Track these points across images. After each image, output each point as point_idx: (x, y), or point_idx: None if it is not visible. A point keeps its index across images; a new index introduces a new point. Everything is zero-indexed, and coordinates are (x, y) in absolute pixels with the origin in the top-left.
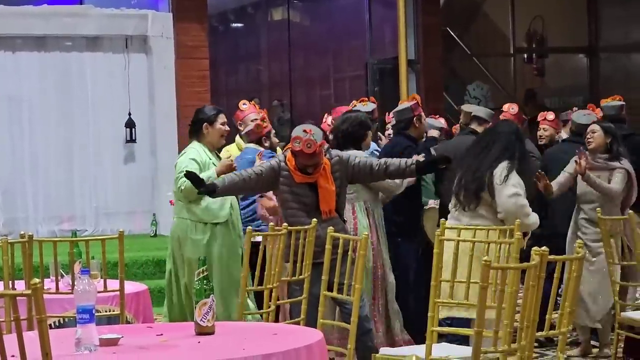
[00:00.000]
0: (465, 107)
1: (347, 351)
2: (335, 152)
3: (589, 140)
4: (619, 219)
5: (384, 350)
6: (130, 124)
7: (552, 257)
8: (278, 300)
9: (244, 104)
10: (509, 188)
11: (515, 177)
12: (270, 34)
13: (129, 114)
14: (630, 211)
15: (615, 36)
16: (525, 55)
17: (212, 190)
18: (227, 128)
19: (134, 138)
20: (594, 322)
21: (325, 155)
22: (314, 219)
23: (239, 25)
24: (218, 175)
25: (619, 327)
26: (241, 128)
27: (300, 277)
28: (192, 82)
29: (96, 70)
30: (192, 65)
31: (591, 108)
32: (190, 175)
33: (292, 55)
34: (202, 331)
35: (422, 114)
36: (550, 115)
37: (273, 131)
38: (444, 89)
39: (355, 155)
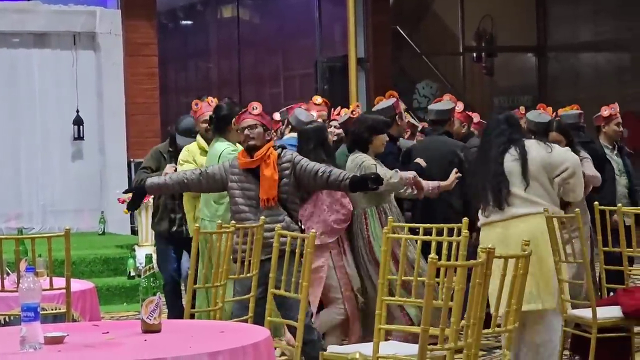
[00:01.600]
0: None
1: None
2: (290, 152)
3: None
4: (566, 217)
5: (332, 348)
6: (78, 121)
7: (498, 255)
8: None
9: (196, 104)
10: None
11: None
12: (219, 32)
13: (77, 111)
14: (577, 209)
15: (564, 35)
16: (475, 54)
17: (141, 188)
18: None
19: (81, 135)
20: None
21: (279, 151)
22: (262, 217)
23: (189, 22)
24: None
25: (565, 325)
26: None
27: (248, 275)
28: (140, 79)
29: (44, 67)
30: (140, 62)
31: (542, 107)
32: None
33: (241, 53)
34: (149, 329)
35: (402, 111)
36: (476, 118)
37: None
38: (393, 88)
39: (308, 160)
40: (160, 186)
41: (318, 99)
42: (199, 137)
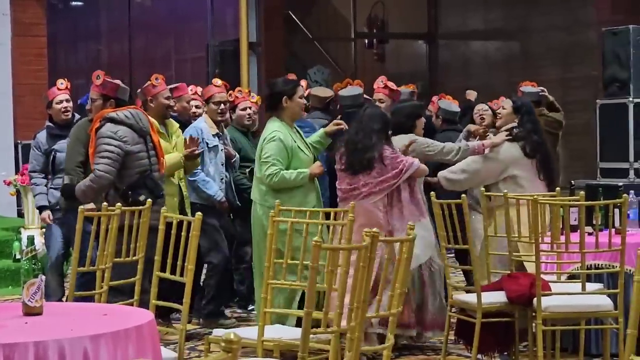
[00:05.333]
0: (315, 91)
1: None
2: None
3: (498, 113)
4: (452, 202)
5: (216, 332)
6: None
7: (382, 238)
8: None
9: (156, 78)
10: None
11: None
12: (110, 14)
13: None
14: (463, 195)
15: (454, 23)
16: (366, 41)
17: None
18: (305, 101)
19: None
20: None
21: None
22: (149, 200)
23: (79, 3)
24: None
25: (450, 310)
26: (152, 104)
27: (134, 257)
28: (28, 60)
29: None
30: (29, 43)
31: (532, 84)
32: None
33: (132, 35)
34: (30, 312)
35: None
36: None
37: None
38: (285, 72)
39: None
40: None
41: (218, 81)
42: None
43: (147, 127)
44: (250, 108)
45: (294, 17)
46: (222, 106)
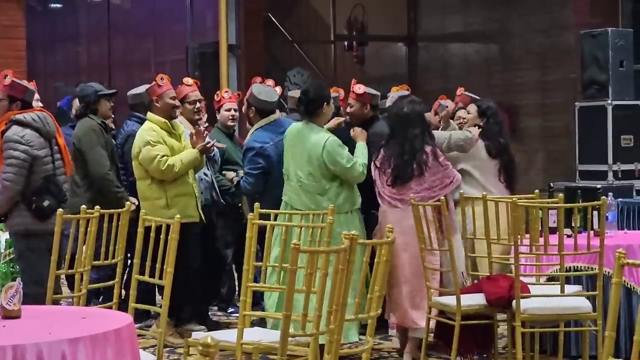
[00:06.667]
0: (293, 93)
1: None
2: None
3: (462, 119)
4: (431, 205)
5: (195, 335)
6: None
7: (362, 241)
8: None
9: (162, 78)
10: None
11: None
12: (89, 16)
13: None
14: (443, 197)
15: (434, 26)
16: (346, 43)
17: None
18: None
19: None
20: None
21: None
22: (128, 202)
23: (58, 5)
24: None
25: (429, 312)
26: (158, 105)
27: (113, 260)
28: (7, 62)
29: None
30: (7, 45)
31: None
32: None
33: (111, 37)
34: (8, 315)
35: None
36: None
37: None
38: (264, 75)
39: None
40: None
41: (189, 80)
42: (154, 115)
43: (54, 130)
44: (234, 109)
45: (273, 19)
46: (198, 104)
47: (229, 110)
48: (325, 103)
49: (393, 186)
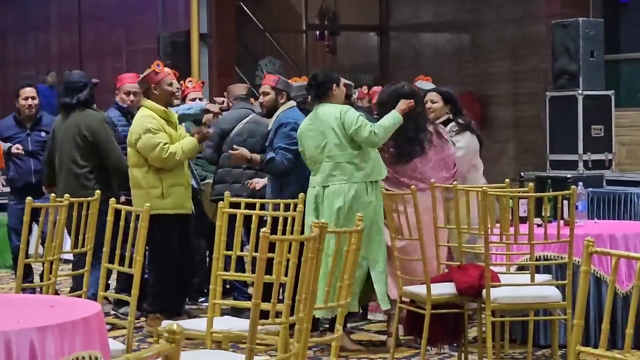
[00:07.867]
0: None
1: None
2: None
3: (428, 109)
4: (402, 194)
5: (165, 323)
6: None
7: (331, 230)
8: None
9: (158, 65)
10: None
11: None
12: (60, 4)
13: None
14: (413, 186)
15: (405, 16)
16: (318, 32)
17: None
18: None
19: None
20: None
21: None
22: (97, 191)
23: None
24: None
25: (400, 302)
26: (156, 92)
27: (82, 249)
28: None
29: None
30: None
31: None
32: None
33: (82, 26)
34: None
35: None
36: None
37: None
38: (236, 64)
39: None
40: None
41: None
42: (152, 103)
43: None
44: (199, 99)
45: (245, 8)
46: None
47: (193, 99)
48: (335, 84)
49: (397, 164)
